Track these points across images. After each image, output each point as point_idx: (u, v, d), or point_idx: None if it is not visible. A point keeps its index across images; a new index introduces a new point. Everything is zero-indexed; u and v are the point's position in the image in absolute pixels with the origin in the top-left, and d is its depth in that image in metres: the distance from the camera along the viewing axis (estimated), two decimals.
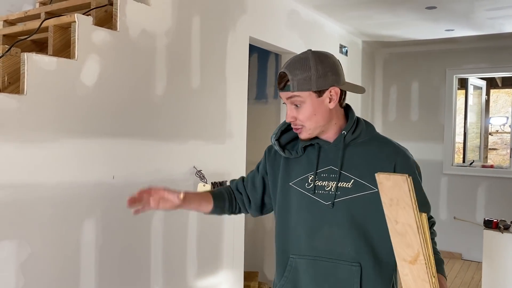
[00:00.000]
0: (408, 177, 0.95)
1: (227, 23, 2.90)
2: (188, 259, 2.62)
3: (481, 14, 3.90)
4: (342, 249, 1.28)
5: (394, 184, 0.98)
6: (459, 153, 6.10)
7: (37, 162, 1.83)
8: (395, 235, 1.02)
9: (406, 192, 0.96)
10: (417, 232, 0.99)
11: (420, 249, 1.00)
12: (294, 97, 1.28)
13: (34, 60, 1.80)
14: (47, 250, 1.88)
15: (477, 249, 4.91)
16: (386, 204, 1.01)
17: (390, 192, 0.99)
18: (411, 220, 0.98)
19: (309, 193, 1.32)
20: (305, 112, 1.28)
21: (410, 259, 1.02)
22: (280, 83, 1.29)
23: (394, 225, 1.01)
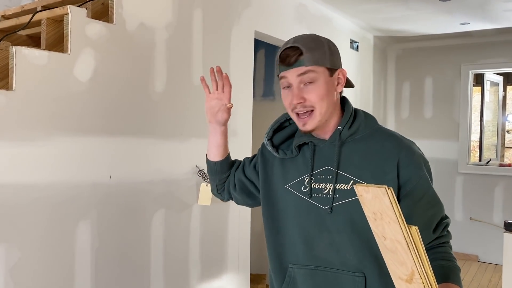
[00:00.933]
0: (388, 189, 0.83)
1: (230, 16, 2.79)
2: (190, 261, 2.52)
3: (498, 5, 3.73)
4: (344, 258, 1.15)
5: (374, 196, 0.86)
6: (475, 151, 5.91)
7: (27, 161, 1.74)
8: (386, 251, 0.90)
9: (388, 206, 0.84)
10: (407, 249, 0.86)
11: (414, 267, 0.87)
12: (307, 72, 1.13)
13: (23, 54, 1.71)
14: (39, 254, 1.79)
15: (494, 251, 4.74)
16: (370, 218, 0.89)
17: (372, 205, 0.87)
18: (399, 236, 0.86)
19: (305, 197, 1.19)
20: (318, 90, 1.14)
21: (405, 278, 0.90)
22: (290, 58, 1.12)
23: (383, 241, 0.90)
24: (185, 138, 2.47)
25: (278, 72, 1.18)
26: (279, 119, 1.30)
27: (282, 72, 1.16)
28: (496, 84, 5.63)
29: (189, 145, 2.50)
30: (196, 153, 2.54)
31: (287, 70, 1.14)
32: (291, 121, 1.29)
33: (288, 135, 1.28)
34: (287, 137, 1.29)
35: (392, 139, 1.20)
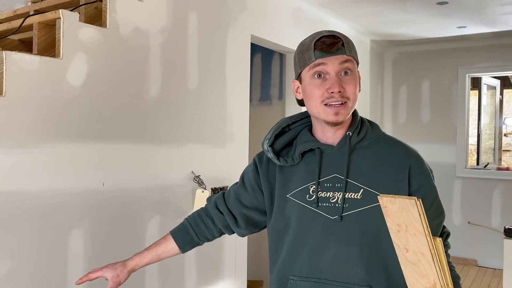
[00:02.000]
0: (418, 200, 0.81)
1: (226, 20, 2.76)
2: (186, 268, 2.48)
3: (495, 9, 3.72)
4: (351, 271, 1.10)
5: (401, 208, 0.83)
6: (473, 155, 5.89)
7: (18, 168, 1.70)
8: (406, 263, 0.87)
9: (417, 218, 0.82)
10: (432, 261, 0.84)
11: (438, 279, 0.84)
12: (348, 61, 1.10)
13: (14, 59, 1.68)
14: (30, 264, 1.74)
15: (493, 255, 4.71)
16: (393, 230, 0.87)
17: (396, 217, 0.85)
18: (424, 248, 0.84)
19: (311, 206, 1.13)
20: (355, 82, 1.12)
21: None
22: (332, 46, 1.08)
23: (404, 253, 0.87)
24: (180, 144, 2.43)
25: (313, 58, 1.10)
26: (280, 124, 1.23)
27: (320, 59, 1.09)
28: (493, 87, 5.63)
29: (185, 151, 2.46)
30: (192, 159, 2.50)
31: (327, 56, 1.09)
32: (291, 126, 1.25)
33: (288, 141, 1.23)
34: (287, 144, 1.23)
35: (400, 147, 1.18)
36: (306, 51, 1.12)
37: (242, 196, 1.28)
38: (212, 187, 2.62)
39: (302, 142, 1.20)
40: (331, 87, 1.09)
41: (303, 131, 1.22)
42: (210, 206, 1.33)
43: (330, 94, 1.09)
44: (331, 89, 1.09)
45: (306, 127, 1.23)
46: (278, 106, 4.01)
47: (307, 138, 1.20)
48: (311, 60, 1.10)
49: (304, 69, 1.13)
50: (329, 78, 1.10)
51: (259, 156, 1.28)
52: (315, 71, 1.11)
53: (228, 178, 2.76)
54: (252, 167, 1.28)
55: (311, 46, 1.11)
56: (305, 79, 1.14)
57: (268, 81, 4.14)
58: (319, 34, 1.12)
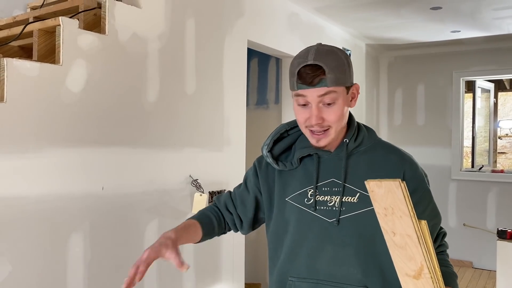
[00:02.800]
0: (402, 182, 0.84)
1: (223, 26, 2.80)
2: (184, 273, 2.50)
3: (488, 14, 3.78)
4: (348, 272, 1.14)
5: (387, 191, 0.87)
6: (468, 157, 5.94)
7: (19, 173, 1.73)
8: (394, 248, 0.90)
9: (401, 199, 0.85)
10: (418, 243, 0.87)
11: (424, 261, 0.88)
12: (329, 93, 1.09)
13: (14, 66, 1.70)
14: (30, 268, 1.77)
15: (488, 257, 4.75)
16: (380, 214, 0.90)
17: (383, 200, 0.88)
18: (410, 230, 0.87)
19: (309, 210, 1.18)
20: (337, 111, 1.12)
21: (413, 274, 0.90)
22: (313, 78, 1.08)
23: (392, 237, 0.90)
24: (178, 148, 2.46)
25: (295, 88, 1.12)
26: (279, 129, 1.27)
27: (301, 90, 1.11)
28: (487, 90, 5.68)
29: (183, 155, 2.49)
30: (190, 162, 2.53)
31: (307, 89, 1.10)
32: (289, 131, 1.28)
33: (286, 146, 1.27)
34: (285, 149, 1.27)
35: (395, 153, 1.22)
36: (292, 77, 1.13)
37: (246, 200, 1.32)
38: (210, 190, 2.64)
39: (300, 147, 1.23)
40: (309, 119, 1.13)
41: (302, 137, 1.25)
42: (221, 206, 1.36)
43: (310, 123, 1.14)
44: (309, 121, 1.13)
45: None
46: (275, 110, 4.05)
47: (305, 143, 1.23)
48: (294, 89, 1.13)
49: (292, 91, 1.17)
50: (310, 107, 1.12)
51: (259, 160, 1.31)
52: (298, 100, 1.14)
53: (226, 182, 2.79)
54: (253, 171, 1.32)
55: (295, 74, 1.11)
56: (293, 100, 1.18)
57: (264, 86, 4.18)
58: (305, 61, 1.10)
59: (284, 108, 3.78)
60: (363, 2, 3.51)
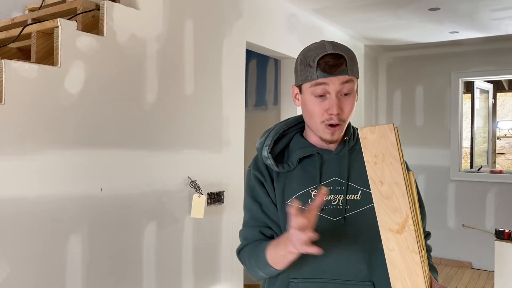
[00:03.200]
0: (395, 126, 0.87)
1: (222, 27, 2.80)
2: (183, 273, 2.50)
3: (486, 14, 3.78)
4: (355, 268, 1.14)
5: (380, 135, 0.88)
6: (467, 158, 5.95)
7: (17, 175, 1.73)
8: (380, 199, 0.90)
9: (393, 143, 0.87)
10: (405, 192, 0.88)
11: (409, 211, 0.88)
12: (349, 82, 1.10)
13: (13, 68, 1.70)
14: (29, 269, 1.77)
15: (487, 257, 4.75)
16: (369, 163, 0.90)
17: (374, 147, 0.89)
18: (398, 177, 0.88)
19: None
20: (352, 102, 1.13)
21: (397, 228, 0.90)
22: (337, 66, 1.08)
23: (379, 187, 0.90)
24: (177, 149, 2.46)
25: (315, 77, 1.10)
26: (277, 129, 1.24)
27: (322, 79, 1.10)
28: (486, 91, 5.69)
29: (181, 156, 2.49)
30: (188, 164, 2.53)
31: (330, 77, 1.09)
32: (284, 132, 1.26)
33: (283, 147, 1.25)
34: (282, 149, 1.24)
35: None
36: (309, 67, 1.12)
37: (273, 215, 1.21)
38: (209, 192, 2.65)
39: (298, 147, 1.22)
40: (330, 109, 1.11)
41: (296, 137, 1.25)
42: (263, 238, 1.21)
43: (329, 115, 1.12)
44: (330, 111, 1.11)
45: (298, 132, 1.26)
46: (274, 111, 4.05)
47: (303, 143, 1.22)
48: (313, 78, 1.11)
49: (305, 83, 1.15)
50: (329, 98, 1.11)
51: (256, 168, 1.25)
52: (316, 89, 1.12)
53: (224, 183, 2.79)
54: (257, 183, 1.23)
55: (314, 63, 1.11)
56: (305, 92, 1.16)
57: (263, 87, 4.18)
58: (324, 51, 1.11)
59: (283, 109, 3.79)
60: (361, 3, 3.52)
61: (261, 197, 1.22)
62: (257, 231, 1.22)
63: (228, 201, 2.79)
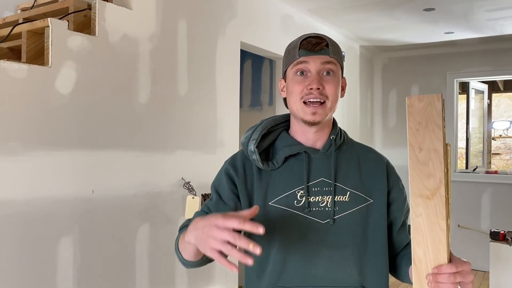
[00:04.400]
0: (442, 96, 0.93)
1: (216, 27, 2.78)
2: (177, 275, 2.48)
3: (481, 15, 3.78)
4: (345, 273, 1.10)
5: (427, 103, 0.94)
6: (462, 158, 5.95)
7: (6, 176, 1.70)
8: (416, 165, 0.94)
9: (439, 112, 0.92)
10: (442, 158, 0.92)
11: (443, 178, 0.92)
12: (330, 63, 1.12)
13: (2, 67, 1.68)
14: (19, 272, 1.74)
15: (483, 258, 4.75)
16: (412, 129, 0.94)
17: (419, 114, 0.94)
18: (438, 144, 0.92)
19: (301, 212, 1.10)
20: (336, 83, 1.12)
21: (428, 193, 0.93)
22: (316, 44, 1.11)
23: (417, 154, 0.94)
24: (170, 150, 2.44)
25: (297, 56, 1.12)
26: (264, 124, 1.18)
27: (304, 57, 1.11)
28: (481, 92, 5.70)
29: (174, 157, 2.47)
30: (182, 165, 2.51)
31: (311, 55, 1.11)
32: (272, 128, 1.21)
33: (269, 143, 1.19)
34: (267, 147, 1.19)
35: (372, 152, 1.25)
36: (292, 50, 1.14)
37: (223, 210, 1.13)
38: (203, 193, 2.62)
39: (285, 145, 1.16)
40: (310, 84, 1.10)
41: (283, 134, 1.20)
42: None
43: (309, 90, 1.10)
44: (310, 85, 1.10)
45: (284, 130, 1.21)
46: (269, 111, 4.04)
47: (290, 141, 1.17)
48: (295, 57, 1.12)
49: (288, 67, 1.15)
50: (310, 76, 1.11)
51: (232, 163, 1.18)
52: (297, 68, 1.12)
53: None
54: (226, 177, 1.17)
55: (297, 45, 1.13)
56: (288, 76, 1.15)
57: (258, 87, 4.16)
58: (307, 35, 1.15)
59: (278, 110, 3.77)
60: (356, 3, 3.51)
61: (224, 194, 1.16)
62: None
63: None
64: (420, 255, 0.95)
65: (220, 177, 1.19)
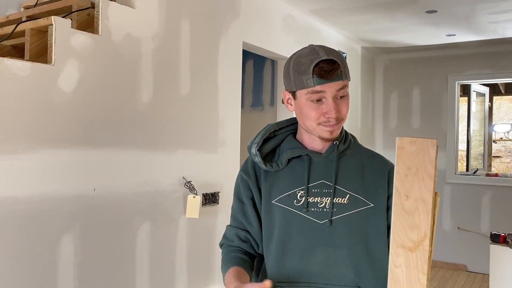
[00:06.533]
0: (437, 143, 0.86)
1: (218, 27, 2.79)
2: (177, 274, 2.48)
3: (483, 18, 3.79)
4: (341, 272, 1.14)
5: (419, 149, 0.86)
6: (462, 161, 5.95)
7: (8, 174, 1.70)
8: (400, 214, 0.88)
9: (432, 160, 0.85)
10: (430, 210, 0.86)
11: (428, 231, 0.86)
12: (344, 87, 1.13)
13: (5, 65, 1.68)
14: (20, 270, 1.74)
15: (482, 260, 4.75)
16: (400, 174, 0.88)
17: (410, 159, 0.87)
18: (427, 195, 0.86)
19: (300, 212, 1.16)
20: (348, 103, 1.16)
21: (411, 245, 0.88)
22: (332, 73, 1.10)
23: (403, 201, 0.88)
24: (172, 149, 2.45)
25: (312, 84, 1.10)
26: (267, 129, 1.25)
27: (319, 86, 1.10)
28: (482, 94, 5.70)
29: (176, 156, 2.47)
30: (183, 164, 2.51)
31: (326, 83, 1.10)
32: (276, 132, 1.27)
33: (273, 147, 1.26)
34: (271, 150, 1.26)
35: (378, 157, 1.26)
36: (304, 74, 1.12)
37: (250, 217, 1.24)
38: (204, 192, 2.63)
39: (289, 148, 1.22)
40: (328, 113, 1.12)
41: (288, 138, 1.25)
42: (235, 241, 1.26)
43: (327, 118, 1.13)
44: (329, 115, 1.12)
45: (291, 134, 1.27)
46: (270, 112, 4.04)
47: (294, 144, 1.23)
48: (310, 85, 1.11)
49: (300, 90, 1.14)
50: (325, 102, 1.12)
51: (244, 169, 1.27)
52: (313, 97, 1.12)
53: (220, 184, 2.77)
54: (242, 183, 1.26)
55: (309, 71, 1.11)
56: (300, 99, 1.15)
57: (260, 87, 4.17)
58: (318, 58, 1.11)
59: (279, 110, 3.77)
60: (358, 5, 3.51)
61: (243, 197, 1.25)
62: (233, 233, 1.27)
63: (222, 202, 2.77)
64: None
65: (237, 184, 1.29)
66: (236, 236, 1.26)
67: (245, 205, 1.25)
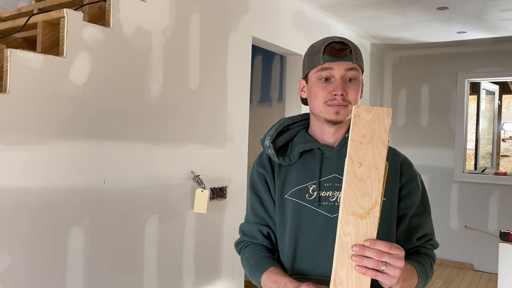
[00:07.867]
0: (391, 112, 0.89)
1: (228, 22, 2.78)
2: (184, 268, 2.50)
3: (494, 15, 3.75)
4: None
5: (375, 117, 0.88)
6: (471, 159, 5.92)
7: (20, 165, 1.72)
8: (352, 180, 0.89)
9: (386, 128, 0.87)
10: (381, 177, 0.87)
11: (379, 198, 0.88)
12: (353, 69, 1.15)
13: (18, 57, 1.69)
14: (31, 259, 1.76)
15: (489, 259, 4.73)
16: (354, 142, 0.89)
17: (365, 127, 0.89)
18: (380, 162, 0.87)
19: (312, 206, 1.17)
20: (357, 89, 1.16)
21: (361, 212, 0.88)
22: (341, 51, 1.13)
23: (356, 168, 0.89)
24: (180, 143, 2.46)
25: (321, 61, 1.14)
26: (281, 122, 1.26)
27: (328, 63, 1.14)
28: (492, 93, 5.65)
29: (185, 150, 2.48)
30: (192, 158, 2.52)
31: (335, 61, 1.14)
32: (290, 126, 1.28)
33: (286, 140, 1.26)
34: (284, 143, 1.26)
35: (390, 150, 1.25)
36: (316, 54, 1.16)
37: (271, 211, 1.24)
38: (212, 187, 2.64)
39: (301, 142, 1.23)
40: (334, 90, 1.14)
41: (301, 132, 1.26)
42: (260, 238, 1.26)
43: (333, 96, 1.14)
44: (335, 92, 1.14)
45: (304, 129, 1.27)
46: (278, 107, 4.04)
47: (306, 138, 1.23)
48: (319, 63, 1.15)
49: (311, 70, 1.18)
50: (333, 81, 1.15)
51: (260, 163, 1.27)
52: (321, 74, 1.16)
53: (227, 178, 2.78)
54: (258, 177, 1.26)
55: (320, 50, 1.15)
56: (311, 79, 1.19)
57: (268, 83, 4.16)
58: (330, 39, 1.16)
59: (287, 106, 3.77)
60: (369, 0, 3.49)
61: (261, 191, 1.25)
62: (256, 229, 1.25)
63: (230, 196, 2.78)
64: (342, 277, 0.89)
65: (253, 179, 1.28)
66: (259, 232, 1.25)
67: (264, 200, 1.25)
